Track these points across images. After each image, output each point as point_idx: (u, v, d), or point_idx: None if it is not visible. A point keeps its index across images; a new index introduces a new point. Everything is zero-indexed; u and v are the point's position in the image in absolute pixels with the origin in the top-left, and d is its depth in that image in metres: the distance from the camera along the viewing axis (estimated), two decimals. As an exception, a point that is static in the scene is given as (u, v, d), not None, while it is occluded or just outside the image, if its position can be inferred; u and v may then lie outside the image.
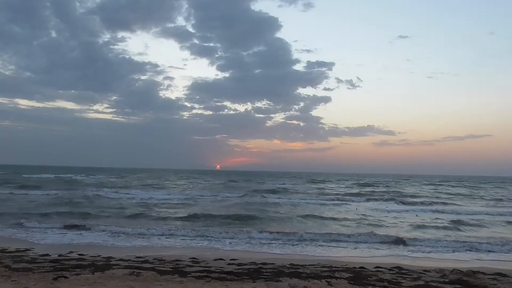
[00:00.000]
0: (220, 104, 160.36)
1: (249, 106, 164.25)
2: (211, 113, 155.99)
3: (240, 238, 12.01)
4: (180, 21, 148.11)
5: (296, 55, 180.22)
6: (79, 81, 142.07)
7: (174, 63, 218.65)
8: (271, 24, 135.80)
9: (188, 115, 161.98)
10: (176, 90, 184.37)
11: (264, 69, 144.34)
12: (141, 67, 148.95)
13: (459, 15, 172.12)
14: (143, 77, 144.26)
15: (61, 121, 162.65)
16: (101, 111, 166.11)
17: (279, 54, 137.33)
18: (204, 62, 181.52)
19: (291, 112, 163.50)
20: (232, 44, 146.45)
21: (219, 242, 11.48)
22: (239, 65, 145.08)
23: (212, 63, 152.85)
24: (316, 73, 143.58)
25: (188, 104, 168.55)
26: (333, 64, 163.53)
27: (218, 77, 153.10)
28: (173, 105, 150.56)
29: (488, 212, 21.36)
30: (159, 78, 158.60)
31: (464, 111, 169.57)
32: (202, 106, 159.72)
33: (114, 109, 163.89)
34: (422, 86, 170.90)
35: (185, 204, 22.24)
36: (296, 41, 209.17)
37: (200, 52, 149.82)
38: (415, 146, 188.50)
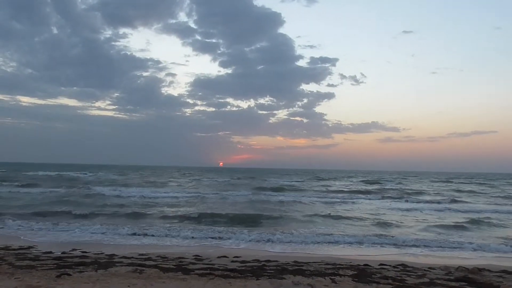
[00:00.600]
0: (223, 101, 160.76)
1: (252, 103, 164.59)
2: (214, 110, 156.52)
3: (244, 236, 12.04)
4: (182, 17, 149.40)
5: (299, 51, 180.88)
6: (81, 78, 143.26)
7: (176, 60, 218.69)
8: (274, 20, 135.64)
9: (191, 112, 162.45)
10: (179, 87, 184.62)
11: (267, 65, 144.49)
12: (143, 64, 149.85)
13: (465, 10, 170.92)
14: (145, 74, 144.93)
15: (63, 118, 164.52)
16: (103, 108, 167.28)
17: (282, 50, 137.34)
18: (207, 59, 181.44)
19: (294, 109, 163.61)
20: (235, 40, 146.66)
21: (223, 240, 11.53)
22: (242, 61, 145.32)
23: (215, 59, 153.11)
24: (320, 69, 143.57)
25: (191, 101, 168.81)
26: (337, 60, 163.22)
27: (221, 74, 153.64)
28: (176, 102, 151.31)
29: (498, 210, 21.12)
30: (161, 75, 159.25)
31: (469, 107, 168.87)
32: (205, 103, 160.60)
33: (116, 106, 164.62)
34: (427, 82, 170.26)
35: (189, 203, 22.14)
36: (299, 37, 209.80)
37: (202, 48, 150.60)
38: (420, 143, 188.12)
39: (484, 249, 10.93)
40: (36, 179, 40.30)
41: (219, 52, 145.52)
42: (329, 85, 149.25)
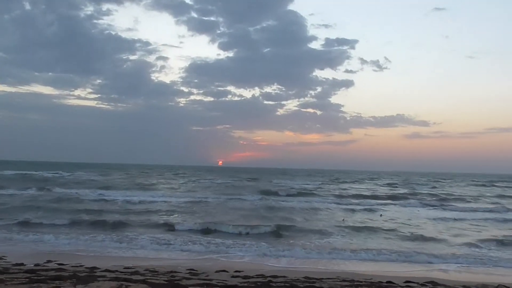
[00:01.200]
0: (223, 89, 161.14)
1: (257, 92, 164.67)
2: (212, 100, 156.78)
3: (247, 248, 12.09)
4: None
5: (313, 31, 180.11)
6: (58, 62, 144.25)
7: (169, 41, 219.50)
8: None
9: (185, 102, 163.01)
10: (171, 73, 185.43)
11: (274, 48, 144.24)
12: (130, 46, 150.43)
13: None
14: (132, 57, 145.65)
15: (37, 109, 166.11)
16: (83, 97, 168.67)
17: (292, 30, 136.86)
18: (204, 40, 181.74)
19: (307, 99, 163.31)
20: (237, 19, 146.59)
21: (222, 252, 11.62)
22: (245, 43, 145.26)
23: (213, 41, 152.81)
24: (336, 53, 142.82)
25: (185, 89, 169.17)
26: (356, 42, 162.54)
27: (220, 57, 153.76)
28: (168, 90, 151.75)
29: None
30: (151, 59, 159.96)
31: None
32: (202, 92, 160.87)
33: (99, 95, 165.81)
34: (462, 68, 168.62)
35: (184, 208, 22.22)
36: (312, 15, 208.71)
37: (199, 28, 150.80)
38: (453, 139, 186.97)
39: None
40: (2, 180, 40.49)
41: (219, 32, 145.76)
42: (347, 71, 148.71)
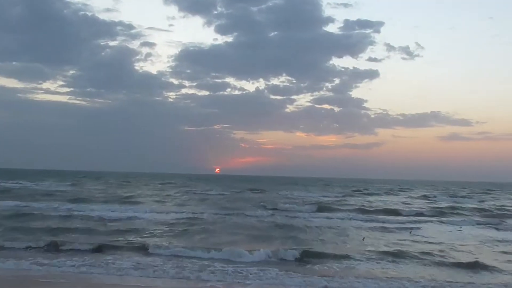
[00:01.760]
0: (221, 81, 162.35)
1: (262, 84, 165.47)
2: (208, 94, 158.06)
3: (254, 275, 12.02)
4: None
5: (329, 11, 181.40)
6: (23, 50, 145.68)
7: (156, 24, 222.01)
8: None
9: (175, 97, 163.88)
10: (159, 62, 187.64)
11: (283, 32, 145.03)
12: (110, 29, 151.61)
13: None
14: (112, 43, 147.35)
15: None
16: (54, 91, 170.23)
17: (304, 10, 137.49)
18: (198, 22, 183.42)
19: (322, 93, 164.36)
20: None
21: (222, 280, 11.66)
22: (247, 26, 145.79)
23: (209, 23, 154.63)
24: (357, 37, 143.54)
25: (175, 81, 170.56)
26: (382, 25, 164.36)
27: (218, 43, 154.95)
28: (155, 83, 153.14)
29: None
30: (135, 45, 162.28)
31: None
32: (195, 84, 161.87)
33: (72, 89, 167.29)
34: (511, 56, 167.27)
35: (175, 227, 21.98)
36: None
37: (192, 8, 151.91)
38: (501, 142, 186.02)
39: None
40: None
41: (216, 13, 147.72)
42: (371, 60, 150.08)
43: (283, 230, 21.57)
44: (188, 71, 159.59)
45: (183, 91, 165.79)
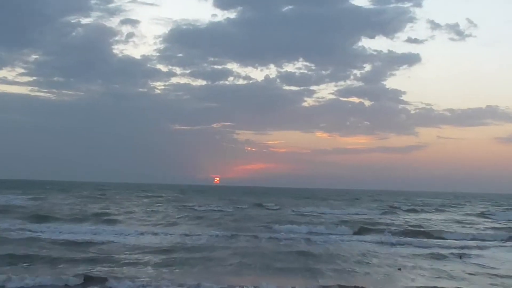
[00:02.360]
0: (221, 68, 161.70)
1: (273, 72, 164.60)
2: (205, 84, 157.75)
3: None
4: None
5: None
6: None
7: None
8: None
9: (164, 88, 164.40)
10: (143, 43, 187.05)
11: (299, 5, 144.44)
12: (82, 4, 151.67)
13: None
14: (85, 21, 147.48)
15: None
16: (12, 81, 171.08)
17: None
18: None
19: (349, 82, 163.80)
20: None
21: None
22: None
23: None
24: (393, 12, 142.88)
25: (164, 68, 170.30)
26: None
27: (217, 20, 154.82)
28: (138, 70, 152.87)
29: None
30: (113, 22, 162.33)
31: None
32: (189, 72, 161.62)
33: (35, 78, 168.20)
34: None
35: (165, 253, 21.73)
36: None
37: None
38: None
39: None
40: None
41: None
42: (411, 41, 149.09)
43: (315, 260, 21.00)
44: (180, 55, 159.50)
45: (174, 81, 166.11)
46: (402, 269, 18.90)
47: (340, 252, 23.19)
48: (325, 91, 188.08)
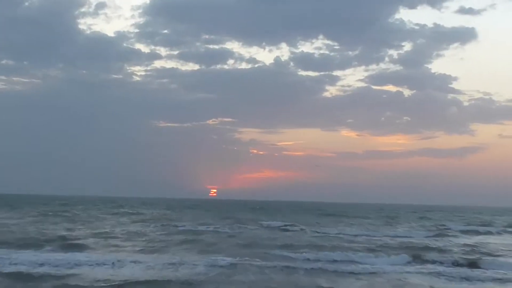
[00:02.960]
0: (218, 48, 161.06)
1: (285, 52, 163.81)
2: (198, 69, 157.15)
3: None
4: None
5: None
6: None
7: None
8: None
9: (145, 73, 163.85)
10: (118, 17, 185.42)
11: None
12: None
13: None
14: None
15: None
16: None
17: None
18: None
19: (383, 66, 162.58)
20: None
21: None
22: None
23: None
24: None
25: (145, 48, 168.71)
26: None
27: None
28: (110, 51, 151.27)
29: None
30: None
31: None
32: (177, 53, 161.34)
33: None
34: None
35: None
36: None
37: None
38: None
39: None
40: None
41: None
42: (463, 11, 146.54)
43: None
44: (165, 32, 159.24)
45: (157, 64, 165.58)
46: None
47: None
48: (353, 78, 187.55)
